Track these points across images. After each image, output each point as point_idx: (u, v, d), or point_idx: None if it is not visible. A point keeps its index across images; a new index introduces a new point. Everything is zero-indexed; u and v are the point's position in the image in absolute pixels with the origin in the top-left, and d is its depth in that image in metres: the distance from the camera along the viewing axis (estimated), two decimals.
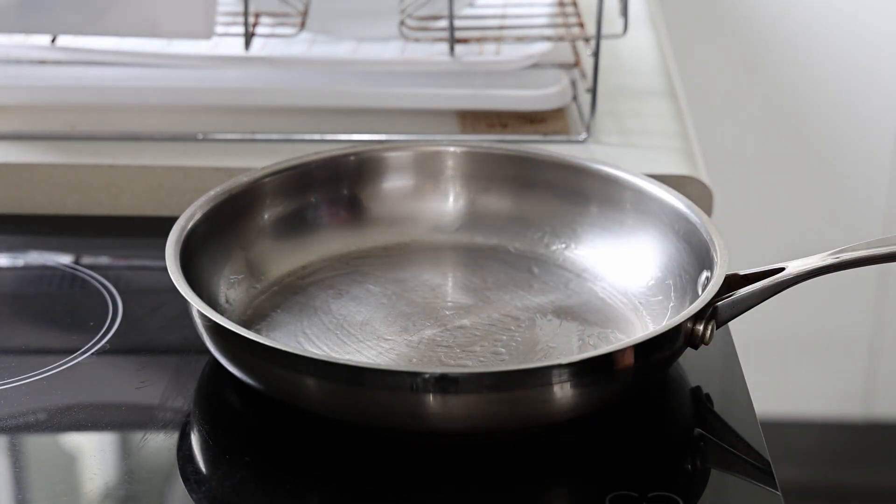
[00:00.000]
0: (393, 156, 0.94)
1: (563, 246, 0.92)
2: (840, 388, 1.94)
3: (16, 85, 1.06)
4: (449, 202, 0.94)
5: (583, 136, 1.04)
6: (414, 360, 0.81)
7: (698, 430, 0.79)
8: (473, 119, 1.07)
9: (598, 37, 1.03)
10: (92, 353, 0.84)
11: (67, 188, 1.01)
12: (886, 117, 1.79)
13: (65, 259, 0.94)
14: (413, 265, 0.91)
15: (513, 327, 0.84)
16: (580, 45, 1.13)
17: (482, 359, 0.81)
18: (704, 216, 0.85)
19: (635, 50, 1.20)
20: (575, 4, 1.15)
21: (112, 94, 1.06)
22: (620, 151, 1.03)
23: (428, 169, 0.94)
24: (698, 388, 0.82)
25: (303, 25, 1.06)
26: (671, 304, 0.85)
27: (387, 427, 0.74)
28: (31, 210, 1.01)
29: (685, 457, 0.77)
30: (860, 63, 1.76)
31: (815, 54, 1.76)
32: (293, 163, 0.92)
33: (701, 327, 0.78)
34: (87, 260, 0.94)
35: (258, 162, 0.94)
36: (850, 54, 1.76)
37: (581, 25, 1.10)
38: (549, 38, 1.07)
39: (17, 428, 0.78)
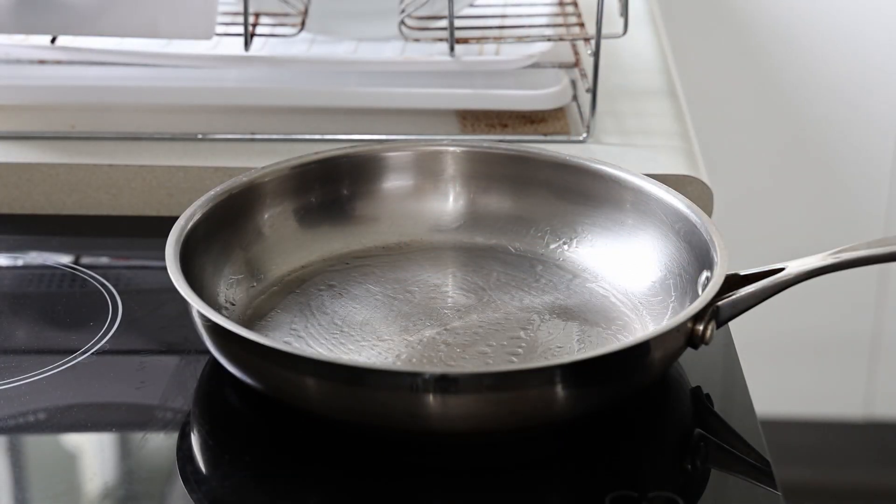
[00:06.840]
0: (393, 156, 0.94)
1: (564, 246, 0.92)
2: (840, 388, 1.94)
3: (16, 85, 1.06)
4: (449, 202, 0.94)
5: (583, 136, 1.04)
6: (414, 360, 0.81)
7: (698, 430, 0.79)
8: (473, 119, 1.07)
9: (598, 37, 1.03)
10: (92, 353, 0.84)
11: (67, 188, 1.01)
12: (887, 117, 1.79)
13: (65, 259, 0.94)
14: (413, 265, 0.91)
15: (513, 327, 0.84)
16: (580, 45, 1.13)
17: (482, 359, 0.81)
18: (704, 216, 0.85)
19: (635, 50, 1.20)
20: (575, 4, 1.15)
21: (112, 94, 1.06)
22: (620, 151, 1.03)
23: (428, 169, 0.94)
24: (698, 388, 0.82)
25: (303, 25, 1.06)
26: (671, 304, 0.85)
27: (387, 427, 0.74)
28: (31, 210, 1.01)
29: (685, 457, 0.77)
30: (861, 63, 1.76)
31: (816, 54, 1.76)
32: (293, 163, 0.92)
33: (701, 327, 0.78)
34: (87, 260, 0.94)
35: (258, 162, 0.94)
36: (851, 54, 1.76)
37: (581, 25, 1.10)
38: (549, 38, 1.07)
39: (17, 428, 0.78)
